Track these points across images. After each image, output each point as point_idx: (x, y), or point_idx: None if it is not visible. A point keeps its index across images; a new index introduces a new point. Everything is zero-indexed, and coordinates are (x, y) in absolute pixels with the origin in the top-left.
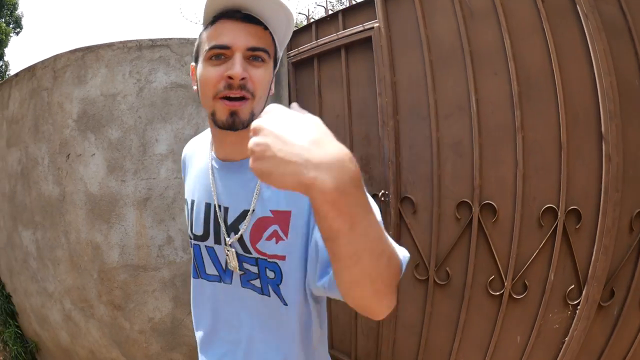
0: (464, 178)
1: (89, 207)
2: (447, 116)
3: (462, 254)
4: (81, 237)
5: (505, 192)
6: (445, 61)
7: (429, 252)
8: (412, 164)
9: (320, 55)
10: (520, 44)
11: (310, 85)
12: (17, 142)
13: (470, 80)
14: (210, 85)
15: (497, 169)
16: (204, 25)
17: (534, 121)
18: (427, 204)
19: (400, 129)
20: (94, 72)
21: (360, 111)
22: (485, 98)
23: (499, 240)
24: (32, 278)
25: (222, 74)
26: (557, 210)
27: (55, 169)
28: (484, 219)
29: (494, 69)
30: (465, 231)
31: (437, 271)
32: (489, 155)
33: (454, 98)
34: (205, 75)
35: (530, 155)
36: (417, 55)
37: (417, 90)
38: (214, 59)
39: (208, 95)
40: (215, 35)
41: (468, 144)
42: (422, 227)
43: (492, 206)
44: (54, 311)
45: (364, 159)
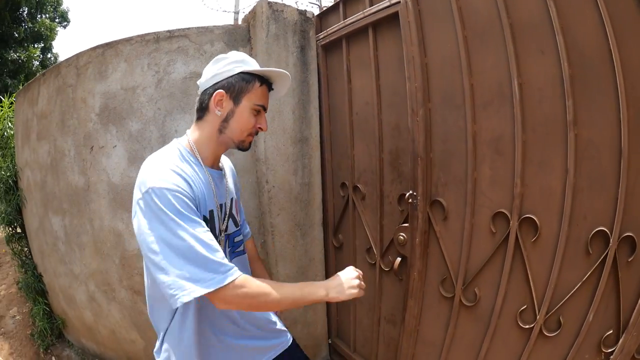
0: (503, 183)
1: (111, 196)
2: (485, 105)
3: (494, 274)
4: (104, 224)
5: (551, 205)
6: (482, 37)
7: (458, 268)
8: (444, 161)
9: (348, 37)
10: (570, 13)
11: (340, 70)
12: (46, 135)
13: (512, 60)
14: (250, 127)
15: (542, 174)
16: (249, 75)
17: (589, 115)
18: (460, 211)
19: (432, 119)
20: (114, 66)
21: (390, 98)
22: (530, 82)
23: (538, 264)
24: (60, 260)
25: (255, 124)
26: (610, 236)
27: (80, 160)
28: (523, 235)
29: (540, 46)
30: (500, 248)
31: (465, 290)
32: (533, 156)
33: (493, 82)
34: (248, 120)
35: (584, 160)
36: (450, 31)
37: (451, 73)
38: (255, 111)
39: (244, 132)
40: (262, 98)
41: (509, 141)
42: (453, 237)
43: (533, 221)
44: (80, 292)
45: (394, 153)
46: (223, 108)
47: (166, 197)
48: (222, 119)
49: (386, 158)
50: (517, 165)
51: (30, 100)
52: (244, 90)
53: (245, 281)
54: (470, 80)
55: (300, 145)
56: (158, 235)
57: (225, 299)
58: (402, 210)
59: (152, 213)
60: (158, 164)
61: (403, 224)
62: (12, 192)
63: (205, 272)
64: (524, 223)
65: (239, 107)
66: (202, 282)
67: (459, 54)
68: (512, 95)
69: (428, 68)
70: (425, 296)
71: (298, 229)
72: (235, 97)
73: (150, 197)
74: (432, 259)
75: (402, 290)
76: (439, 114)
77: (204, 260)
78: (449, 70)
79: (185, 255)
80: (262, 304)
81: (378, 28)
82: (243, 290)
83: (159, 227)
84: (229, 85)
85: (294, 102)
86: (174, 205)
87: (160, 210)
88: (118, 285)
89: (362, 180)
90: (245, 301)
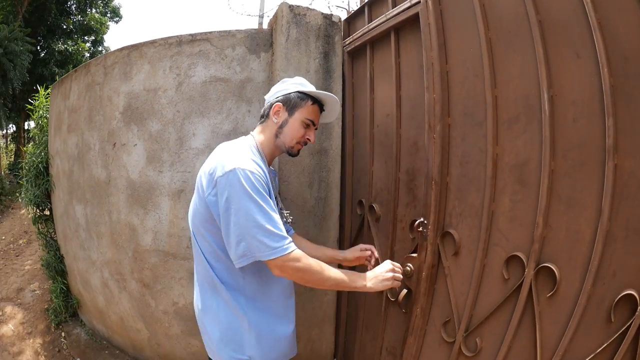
0: (522, 220)
1: (129, 192)
2: (509, 122)
3: (500, 327)
4: (121, 217)
5: (576, 254)
6: (507, 38)
7: (462, 312)
8: (461, 187)
9: (372, 42)
10: (608, 5)
11: (365, 78)
12: (75, 128)
13: (542, 66)
14: (299, 136)
15: (570, 214)
16: (304, 94)
17: (634, 140)
18: (472, 247)
19: (450, 137)
20: (138, 68)
21: (411, 111)
22: (562, 94)
23: (550, 325)
24: (80, 246)
25: (305, 135)
26: (638, 303)
27: (103, 155)
28: (538, 288)
29: (574, 48)
30: (510, 298)
31: (467, 338)
32: (562, 190)
33: (520, 94)
34: (298, 130)
35: (623, 201)
36: (473, 32)
37: (474, 82)
38: (305, 125)
39: (294, 139)
40: (312, 114)
41: (535, 168)
42: (462, 276)
43: (552, 272)
44: (95, 277)
45: (410, 173)
46: (279, 117)
47: (248, 178)
48: (278, 125)
49: (402, 178)
50: (542, 200)
51: (63, 94)
52: (298, 105)
53: (302, 256)
54: (493, 92)
55: (319, 157)
56: (237, 208)
57: (283, 267)
58: (413, 238)
59: (235, 189)
60: (238, 152)
61: (412, 254)
62: (42, 177)
63: (273, 242)
64: (541, 273)
65: (292, 118)
66: (269, 250)
67: (481, 59)
68: (541, 110)
69: (449, 77)
70: (427, 335)
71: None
72: (290, 110)
73: (235, 176)
74: (438, 297)
75: (404, 324)
76: (459, 132)
77: (272, 233)
78: (471, 80)
79: (258, 227)
80: (311, 278)
81: (400, 32)
82: (297, 263)
83: (240, 200)
84: (287, 100)
85: None
86: (255, 185)
87: (242, 187)
88: (129, 276)
89: (378, 200)
90: (298, 274)
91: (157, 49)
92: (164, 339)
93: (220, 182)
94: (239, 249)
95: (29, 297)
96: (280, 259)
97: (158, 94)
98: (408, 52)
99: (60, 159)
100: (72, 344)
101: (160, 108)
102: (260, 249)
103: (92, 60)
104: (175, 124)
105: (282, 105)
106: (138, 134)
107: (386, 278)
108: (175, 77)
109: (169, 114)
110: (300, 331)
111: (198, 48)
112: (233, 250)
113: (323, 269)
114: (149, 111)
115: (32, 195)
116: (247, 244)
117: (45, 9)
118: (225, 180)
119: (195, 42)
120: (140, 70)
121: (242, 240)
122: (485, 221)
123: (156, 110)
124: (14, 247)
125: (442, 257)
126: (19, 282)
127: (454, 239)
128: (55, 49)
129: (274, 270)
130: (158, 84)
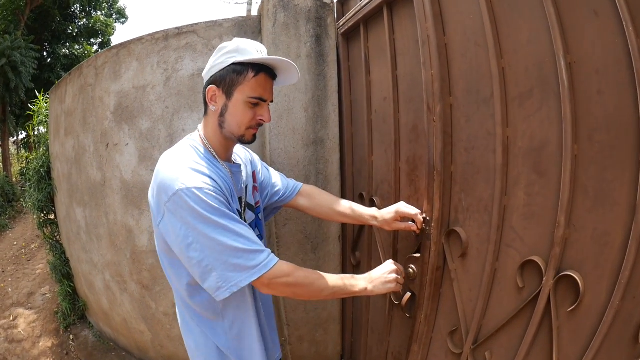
0: (541, 218)
1: (123, 193)
2: (521, 97)
3: (512, 341)
4: (117, 219)
5: (604, 262)
6: (511, 0)
7: (471, 321)
8: (467, 177)
9: (366, 20)
10: None
11: (360, 60)
12: (71, 131)
13: (555, 29)
14: (247, 121)
15: (598, 212)
16: (241, 65)
17: None
18: (482, 249)
19: (453, 119)
20: (127, 66)
21: (408, 92)
22: (582, 61)
23: (569, 344)
24: (83, 248)
25: (255, 116)
26: None
27: (98, 156)
28: (558, 300)
29: (591, 6)
30: (525, 310)
31: (475, 351)
32: (588, 181)
33: (531, 63)
34: (244, 114)
35: None
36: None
37: (477, 53)
38: (251, 105)
39: (242, 126)
40: (257, 89)
41: (555, 153)
42: (470, 280)
43: (574, 282)
44: (98, 279)
45: (411, 162)
46: (217, 103)
47: (197, 196)
48: (218, 114)
49: (403, 168)
50: (564, 193)
51: (59, 98)
52: (235, 82)
53: (290, 269)
54: (500, 63)
55: (314, 148)
56: (195, 236)
57: (270, 284)
58: (416, 236)
59: (184, 215)
60: (178, 164)
61: (415, 254)
62: (44, 181)
63: (249, 261)
64: (562, 282)
65: (232, 101)
66: (248, 272)
67: (483, 26)
68: (558, 81)
69: (448, 50)
70: (432, 344)
71: (308, 241)
72: (227, 91)
73: (180, 199)
74: (443, 303)
75: (409, 329)
76: (462, 112)
77: (246, 251)
78: (473, 51)
79: (226, 250)
80: (304, 292)
81: (394, 6)
82: (287, 279)
83: (196, 227)
84: (221, 79)
85: (306, 99)
86: (207, 203)
87: (193, 210)
88: (129, 278)
89: (379, 192)
90: (289, 289)
91: (145, 45)
92: (166, 341)
93: (168, 209)
94: (211, 281)
95: (40, 301)
96: (265, 277)
97: (147, 90)
98: (403, 27)
99: (60, 163)
100: (80, 346)
101: (150, 105)
102: (236, 275)
103: (84, 62)
104: (165, 120)
105: (216, 87)
106: (129, 133)
107: (389, 280)
108: (163, 73)
109: (158, 111)
110: (304, 333)
111: (185, 41)
112: (206, 284)
113: (316, 278)
114: (138, 109)
115: (35, 200)
116: (220, 273)
117: (49, 15)
118: (172, 207)
119: (182, 35)
120: (129, 68)
121: (213, 270)
122: (496, 218)
123: (145, 108)
124: (26, 252)
125: (448, 258)
126: (29, 286)
127: (461, 238)
128: (60, 54)
129: (261, 288)
130: (147, 81)
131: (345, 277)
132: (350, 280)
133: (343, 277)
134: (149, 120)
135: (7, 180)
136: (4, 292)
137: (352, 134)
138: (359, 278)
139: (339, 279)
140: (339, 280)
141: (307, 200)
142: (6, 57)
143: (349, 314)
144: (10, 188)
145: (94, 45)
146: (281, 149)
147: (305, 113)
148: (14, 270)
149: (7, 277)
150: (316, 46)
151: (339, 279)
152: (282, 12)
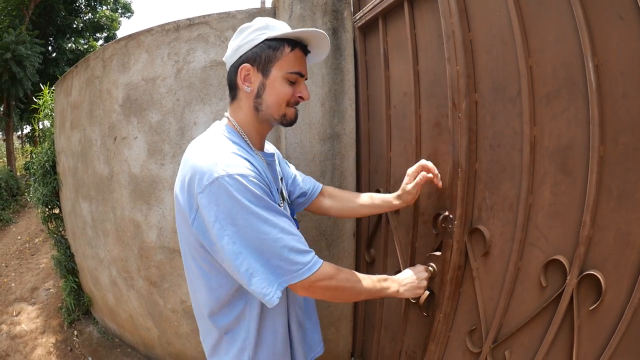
0: (566, 217)
1: (131, 187)
2: (549, 97)
3: (533, 341)
4: (125, 214)
5: (626, 261)
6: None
7: (492, 320)
8: (492, 175)
9: (385, 14)
10: None
11: (378, 55)
12: (78, 124)
13: (583, 30)
14: (287, 98)
15: (622, 213)
16: (276, 41)
17: None
18: (505, 248)
19: (478, 116)
20: (136, 58)
21: (431, 88)
22: (608, 64)
23: (589, 342)
24: (88, 244)
25: (294, 92)
26: None
27: (105, 150)
28: (580, 299)
29: (616, 9)
30: (547, 308)
31: (494, 350)
32: (612, 181)
33: (559, 63)
34: (283, 92)
35: None
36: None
37: (503, 51)
38: (288, 81)
39: (282, 105)
40: (295, 64)
41: (581, 154)
42: (492, 279)
43: (597, 281)
44: (104, 275)
45: (432, 158)
46: (252, 83)
47: (242, 185)
48: (254, 95)
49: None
50: (590, 193)
51: (65, 91)
52: (272, 58)
53: (334, 271)
54: (527, 61)
55: (331, 143)
56: (235, 232)
57: (311, 287)
58: (436, 234)
59: (225, 205)
60: (215, 148)
61: (435, 252)
62: (49, 175)
63: (293, 262)
64: (584, 281)
65: (270, 79)
66: (289, 274)
67: (510, 24)
68: (585, 82)
69: (473, 46)
70: (450, 342)
71: (323, 238)
72: (264, 68)
73: (222, 188)
74: (463, 302)
75: (425, 328)
76: (488, 109)
77: (290, 250)
78: (499, 48)
79: (272, 249)
80: (343, 295)
81: (415, 0)
82: (330, 282)
83: (237, 220)
84: (255, 56)
85: (323, 93)
86: (253, 192)
87: (236, 200)
88: (136, 274)
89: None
90: (328, 293)
91: (155, 37)
92: (174, 338)
93: (203, 201)
94: (255, 284)
95: (43, 296)
96: (307, 279)
97: (157, 82)
98: (424, 22)
99: (66, 156)
100: (84, 342)
101: (160, 97)
102: (277, 277)
103: (91, 54)
104: (176, 113)
105: (250, 66)
106: (138, 126)
107: (421, 287)
108: (173, 64)
109: (168, 103)
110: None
111: (197, 32)
112: (251, 287)
113: (355, 281)
114: (148, 101)
115: (40, 194)
116: (262, 276)
117: (53, 9)
118: (208, 198)
119: (194, 26)
120: (138, 59)
121: (255, 273)
122: (521, 217)
123: (155, 100)
124: (30, 246)
125: (470, 257)
126: (33, 281)
127: (484, 236)
128: (66, 48)
129: (298, 291)
130: (156, 73)
131: (379, 279)
132: (382, 282)
133: (378, 279)
134: (158, 113)
135: (12, 174)
136: (7, 286)
137: (369, 129)
138: (391, 280)
139: (374, 280)
140: (375, 283)
141: (330, 199)
142: (11, 51)
143: (361, 312)
144: (14, 182)
145: (99, 40)
146: (297, 143)
147: (321, 107)
148: (17, 264)
149: (11, 272)
150: (333, 39)
151: (375, 280)
152: (299, 4)
